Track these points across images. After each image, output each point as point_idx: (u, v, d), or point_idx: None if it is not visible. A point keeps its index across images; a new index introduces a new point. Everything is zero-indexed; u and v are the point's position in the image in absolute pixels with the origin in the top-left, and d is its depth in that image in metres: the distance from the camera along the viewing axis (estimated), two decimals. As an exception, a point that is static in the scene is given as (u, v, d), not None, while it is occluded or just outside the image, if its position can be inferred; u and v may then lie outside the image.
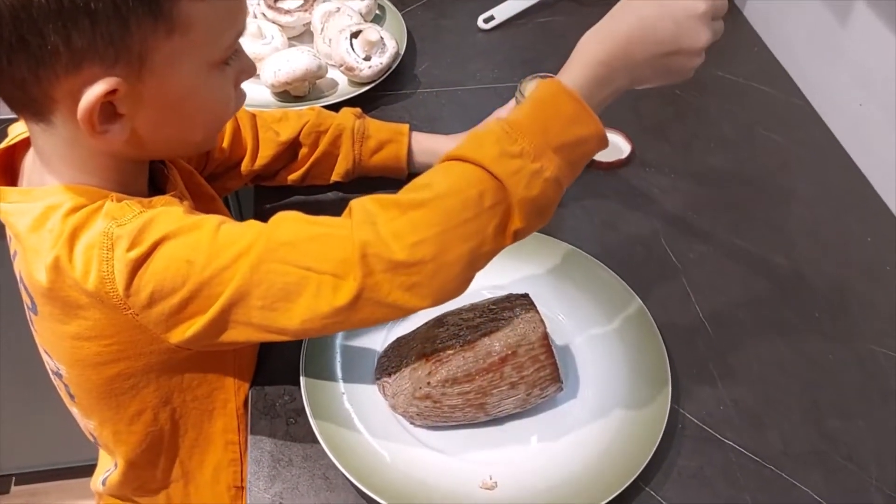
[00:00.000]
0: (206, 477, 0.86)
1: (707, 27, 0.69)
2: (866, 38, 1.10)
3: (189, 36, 0.62)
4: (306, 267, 0.63)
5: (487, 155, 0.65)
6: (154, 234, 0.63)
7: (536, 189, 0.65)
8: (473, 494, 0.76)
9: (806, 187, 1.10)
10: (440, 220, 0.63)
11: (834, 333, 0.93)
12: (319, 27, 1.24)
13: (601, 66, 0.69)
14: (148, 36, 0.60)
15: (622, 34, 0.69)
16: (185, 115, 0.68)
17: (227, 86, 0.70)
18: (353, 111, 1.03)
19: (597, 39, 0.71)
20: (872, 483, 0.80)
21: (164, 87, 0.64)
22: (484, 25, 1.36)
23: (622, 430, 0.80)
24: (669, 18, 0.68)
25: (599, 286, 0.93)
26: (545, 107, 0.67)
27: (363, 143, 1.01)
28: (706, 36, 0.69)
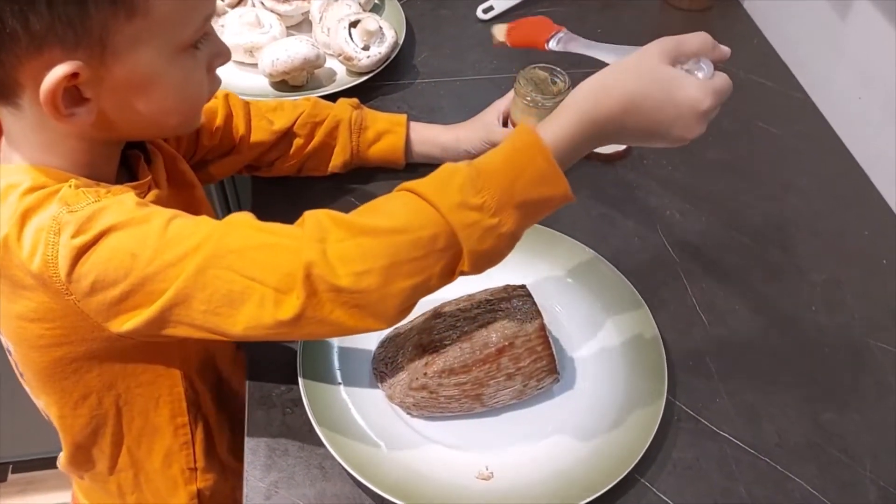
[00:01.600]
0: (155, 464, 0.86)
1: (704, 123, 0.68)
2: (866, 31, 1.10)
3: (150, 19, 0.62)
4: (251, 277, 0.63)
5: (447, 202, 0.64)
6: (101, 224, 0.63)
7: (488, 243, 0.65)
8: (469, 485, 0.76)
9: (804, 180, 1.10)
10: (389, 253, 0.63)
11: (830, 327, 0.93)
12: (318, 16, 1.23)
13: (592, 125, 0.67)
14: (108, 19, 0.60)
15: (622, 100, 0.67)
16: (154, 99, 0.67)
17: (197, 70, 0.70)
18: (350, 102, 1.03)
19: (595, 97, 0.68)
20: (867, 476, 0.80)
21: (129, 71, 0.64)
22: (483, 15, 1.35)
23: (618, 422, 0.80)
24: (672, 106, 0.67)
25: (596, 278, 0.93)
26: (517, 160, 0.66)
27: (361, 134, 1.01)
28: (700, 130, 0.68)
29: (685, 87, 0.66)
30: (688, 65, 0.69)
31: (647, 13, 1.39)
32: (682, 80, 0.67)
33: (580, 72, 1.25)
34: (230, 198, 1.45)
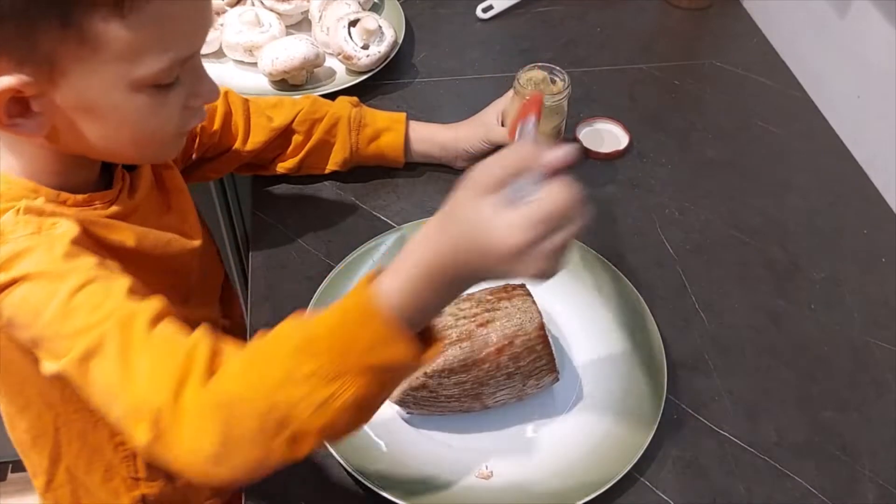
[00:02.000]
0: (95, 479, 0.84)
1: (541, 258, 0.53)
2: (865, 29, 1.10)
3: (103, 51, 0.58)
4: (118, 387, 0.59)
5: (271, 376, 0.56)
6: (19, 269, 0.61)
7: (325, 418, 0.55)
8: (469, 484, 0.76)
9: (803, 178, 1.10)
10: (229, 421, 0.56)
11: (829, 325, 0.93)
12: (317, 15, 1.23)
13: (438, 274, 0.55)
14: (56, 43, 0.57)
15: (451, 248, 0.55)
16: (107, 128, 0.64)
17: (164, 108, 0.65)
18: (349, 100, 1.03)
19: (428, 245, 0.56)
20: (866, 474, 0.80)
21: (77, 96, 0.61)
22: (482, 15, 1.35)
23: (617, 420, 0.81)
24: (491, 251, 0.54)
25: (596, 276, 0.93)
26: (350, 322, 0.56)
27: (360, 132, 1.01)
28: (543, 265, 0.54)
29: (491, 229, 0.53)
30: (511, 189, 0.55)
31: (648, 12, 1.39)
32: (488, 222, 0.53)
33: (579, 71, 1.26)
34: (230, 199, 1.45)
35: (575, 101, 1.08)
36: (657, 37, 1.35)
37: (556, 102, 0.98)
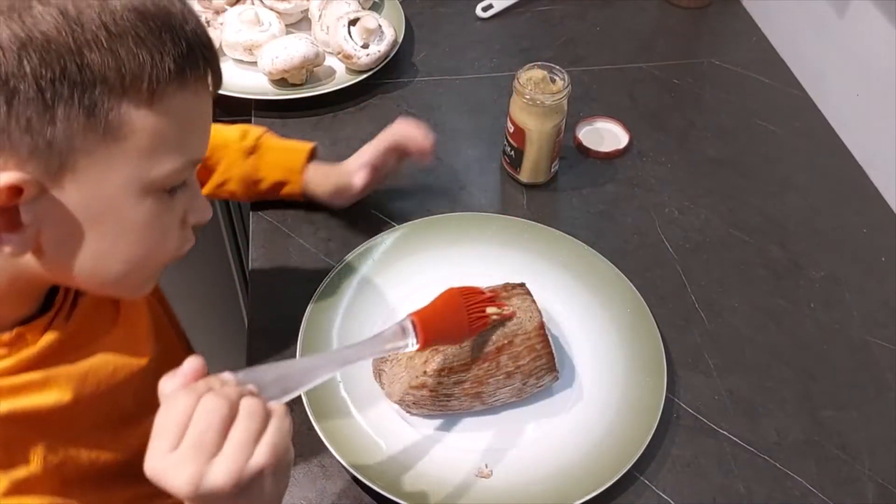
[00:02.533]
0: None
1: (175, 472, 0.50)
2: (865, 28, 1.10)
3: (126, 144, 0.54)
4: None
5: None
6: None
7: None
8: (469, 483, 0.76)
9: (802, 177, 1.10)
10: None
11: (828, 323, 0.93)
12: (317, 14, 1.23)
13: None
14: (75, 133, 0.51)
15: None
16: (104, 239, 0.57)
17: (167, 218, 0.60)
18: (242, 147, 0.96)
19: None
20: (865, 473, 0.80)
21: (86, 199, 0.55)
22: (482, 14, 1.35)
23: (617, 420, 0.81)
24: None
25: (596, 275, 0.93)
26: None
27: (256, 186, 0.97)
28: (183, 475, 0.50)
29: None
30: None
31: (647, 11, 1.39)
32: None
33: (579, 70, 1.26)
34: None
35: (574, 100, 1.08)
36: (657, 36, 1.35)
37: (556, 102, 0.98)
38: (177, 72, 0.54)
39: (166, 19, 0.54)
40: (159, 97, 0.54)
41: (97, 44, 0.50)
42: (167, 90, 0.54)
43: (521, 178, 1.06)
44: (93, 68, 0.50)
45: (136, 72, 0.52)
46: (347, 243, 0.96)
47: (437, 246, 0.96)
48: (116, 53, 0.51)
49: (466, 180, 1.07)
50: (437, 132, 1.13)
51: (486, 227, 0.98)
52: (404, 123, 0.94)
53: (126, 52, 0.51)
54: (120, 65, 0.51)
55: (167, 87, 0.54)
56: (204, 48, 0.57)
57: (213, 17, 1.23)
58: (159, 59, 0.53)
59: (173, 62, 0.53)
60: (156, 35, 0.53)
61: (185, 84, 0.55)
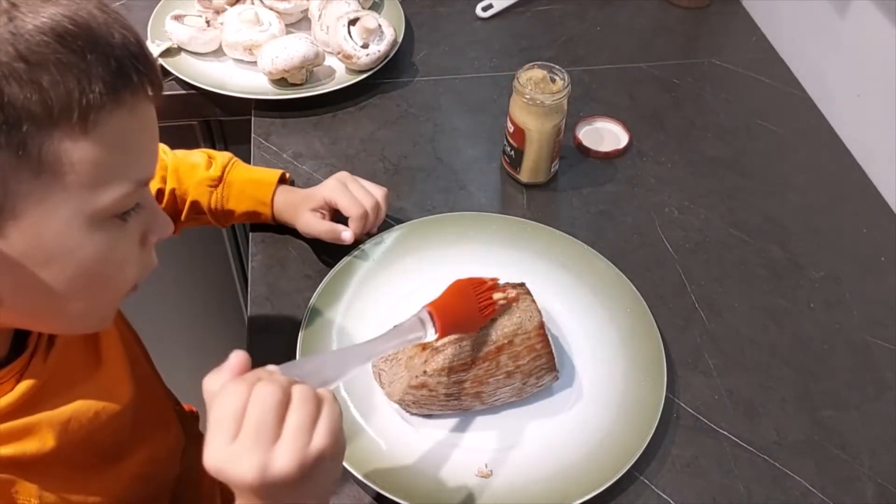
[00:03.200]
0: None
1: (243, 460, 0.51)
2: (865, 28, 1.10)
3: (63, 180, 0.50)
4: None
5: None
6: None
7: None
8: (469, 482, 0.76)
9: (802, 177, 1.10)
10: None
11: (828, 323, 0.93)
12: (317, 14, 1.23)
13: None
14: (8, 176, 0.47)
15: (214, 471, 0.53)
16: (58, 279, 0.54)
17: (123, 244, 0.57)
18: (207, 179, 0.93)
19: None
20: (865, 472, 0.80)
21: (31, 241, 0.51)
22: (482, 13, 1.35)
23: (617, 420, 0.81)
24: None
25: (595, 275, 0.93)
26: None
27: (226, 218, 0.96)
28: (255, 461, 0.51)
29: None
30: None
31: (647, 10, 1.39)
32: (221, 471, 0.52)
33: (579, 69, 1.26)
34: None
35: (574, 99, 1.08)
36: (657, 35, 1.35)
37: (556, 101, 0.98)
38: (109, 94, 0.50)
39: (89, 37, 0.49)
40: (93, 124, 0.49)
41: (15, 77, 0.46)
42: (101, 115, 0.50)
43: (520, 177, 1.06)
44: (15, 105, 0.46)
45: (64, 102, 0.48)
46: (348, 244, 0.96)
47: (436, 246, 0.96)
48: (39, 85, 0.47)
49: (466, 180, 1.07)
50: (437, 132, 1.14)
51: (486, 227, 0.98)
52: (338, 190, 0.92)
53: (49, 82, 0.47)
54: (45, 97, 0.47)
55: (101, 113, 0.50)
56: (136, 59, 0.52)
57: (213, 17, 1.23)
58: (87, 83, 0.48)
59: (103, 84, 0.49)
60: (80, 57, 0.48)
61: (120, 104, 0.51)
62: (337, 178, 0.93)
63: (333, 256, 0.95)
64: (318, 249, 0.97)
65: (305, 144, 1.11)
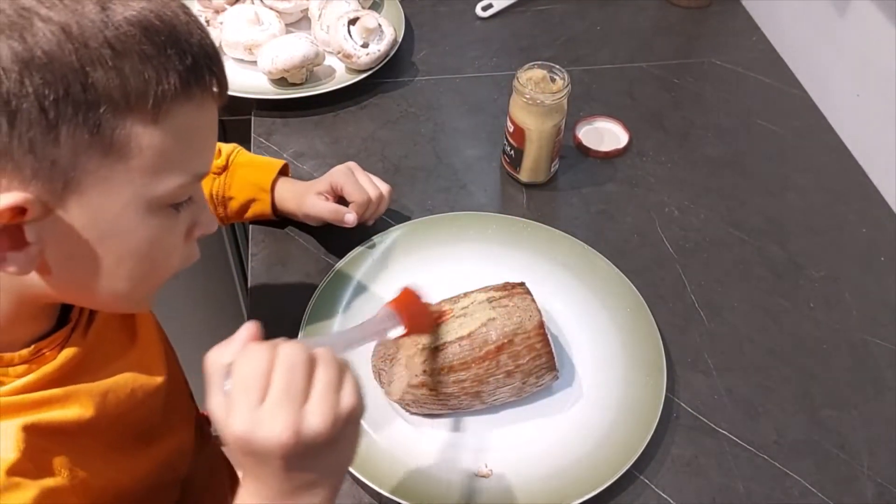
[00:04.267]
0: None
1: (270, 420, 0.51)
2: (865, 28, 1.10)
3: (129, 163, 0.53)
4: None
5: None
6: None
7: None
8: (469, 482, 0.76)
9: (802, 177, 1.10)
10: None
11: (828, 323, 0.93)
12: (317, 14, 1.23)
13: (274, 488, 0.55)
14: (79, 152, 0.50)
15: (238, 447, 0.54)
16: (109, 257, 0.56)
17: (172, 233, 0.59)
18: (215, 164, 0.95)
19: (244, 491, 0.56)
20: (864, 472, 0.80)
21: (90, 217, 0.53)
22: (482, 13, 1.35)
23: (617, 419, 0.81)
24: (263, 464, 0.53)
25: (595, 275, 0.93)
26: None
27: (226, 206, 0.96)
28: (280, 423, 0.51)
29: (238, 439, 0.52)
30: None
31: (647, 10, 1.39)
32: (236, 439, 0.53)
33: (579, 69, 1.26)
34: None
35: (574, 99, 1.08)
36: (657, 35, 1.35)
37: (556, 101, 0.98)
38: (182, 87, 0.53)
39: (171, 33, 0.52)
40: (164, 114, 0.52)
41: (101, 62, 0.49)
42: (172, 106, 0.53)
43: (520, 177, 1.06)
44: (97, 87, 0.49)
45: (141, 89, 0.51)
46: (347, 242, 0.96)
47: (436, 245, 0.96)
48: (121, 71, 0.50)
49: (466, 180, 1.08)
50: (438, 131, 1.14)
51: (486, 227, 0.98)
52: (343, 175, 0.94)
53: (131, 69, 0.50)
54: (125, 83, 0.50)
55: (172, 104, 0.53)
56: (209, 60, 0.55)
57: (212, 16, 1.23)
58: (164, 75, 0.52)
59: (178, 78, 0.52)
60: (161, 51, 0.52)
61: (190, 98, 0.54)
62: (346, 166, 0.95)
63: (334, 256, 0.95)
64: (318, 249, 0.97)
65: (306, 144, 1.11)
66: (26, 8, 0.48)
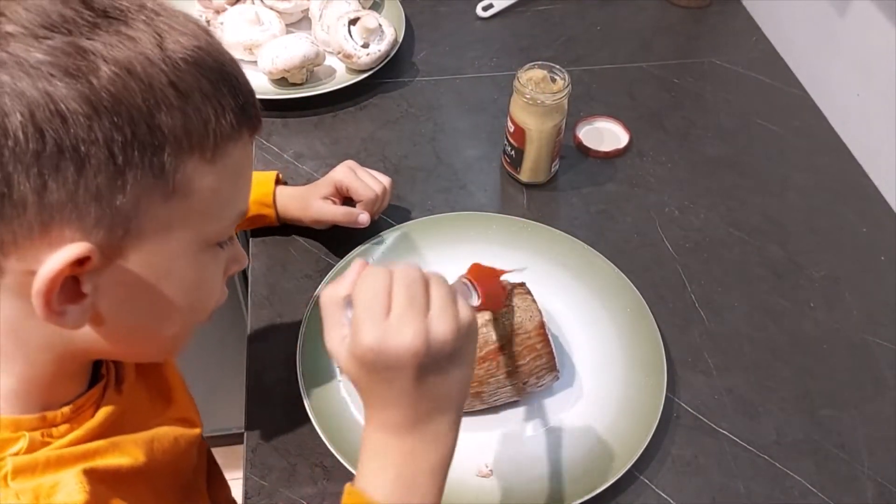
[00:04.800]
0: None
1: (400, 329, 0.53)
2: (865, 28, 1.10)
3: (188, 204, 0.52)
4: None
5: None
6: None
7: None
8: (470, 482, 0.76)
9: (802, 177, 1.10)
10: None
11: (828, 323, 0.93)
12: (317, 14, 1.23)
13: (395, 453, 0.57)
14: (142, 197, 0.49)
15: (367, 394, 0.57)
16: (162, 300, 0.55)
17: (216, 272, 0.59)
18: None
19: (373, 427, 0.58)
20: (864, 472, 0.80)
21: (146, 262, 0.52)
22: (482, 13, 1.35)
23: (617, 419, 0.81)
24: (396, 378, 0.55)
25: (596, 275, 0.93)
26: None
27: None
28: (408, 334, 0.53)
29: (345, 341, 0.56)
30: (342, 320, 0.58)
31: (647, 10, 1.39)
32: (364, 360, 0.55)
33: (579, 69, 1.25)
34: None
35: (575, 99, 1.08)
36: (657, 35, 1.35)
37: (556, 101, 0.98)
38: (235, 126, 0.53)
39: (222, 71, 0.52)
40: (220, 153, 0.52)
41: (166, 103, 0.48)
42: (227, 146, 0.53)
43: (521, 177, 1.06)
44: (163, 129, 0.48)
45: (202, 130, 0.50)
46: (348, 243, 0.96)
47: (437, 245, 0.96)
48: (185, 112, 0.49)
49: (466, 180, 1.08)
50: (438, 131, 1.14)
51: (487, 227, 0.98)
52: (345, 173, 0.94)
53: (193, 110, 0.50)
54: (187, 123, 0.49)
55: (227, 143, 0.53)
56: (252, 98, 0.56)
57: (213, 16, 1.23)
58: (222, 114, 0.51)
59: (234, 117, 0.52)
60: (217, 89, 0.51)
61: (240, 136, 0.54)
62: (346, 165, 0.95)
63: (334, 257, 0.95)
64: (318, 250, 0.97)
65: (306, 144, 1.11)
66: (84, 49, 0.46)
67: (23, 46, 0.45)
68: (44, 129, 0.45)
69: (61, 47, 0.46)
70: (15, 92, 0.44)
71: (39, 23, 0.46)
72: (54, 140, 0.45)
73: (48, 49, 0.45)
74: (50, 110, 0.45)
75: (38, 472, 0.53)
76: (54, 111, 0.45)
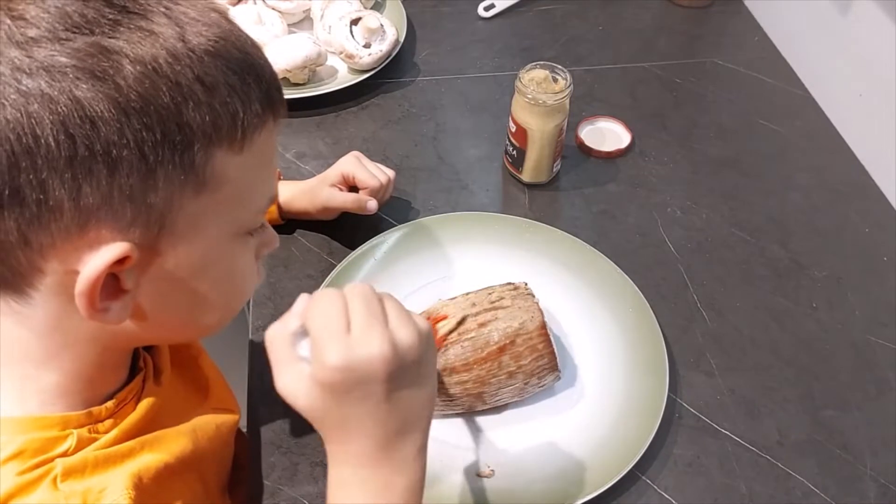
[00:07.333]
0: None
1: (364, 343, 0.54)
2: (867, 27, 1.10)
3: (218, 196, 0.52)
4: None
5: None
6: None
7: None
8: (471, 483, 0.76)
9: (804, 177, 1.10)
10: None
11: (830, 323, 0.93)
12: (319, 14, 1.23)
13: (367, 485, 0.57)
14: (174, 193, 0.50)
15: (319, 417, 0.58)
16: (200, 292, 0.57)
17: (249, 257, 0.60)
18: None
19: (340, 462, 0.58)
20: (867, 472, 0.80)
21: (182, 256, 0.53)
22: (484, 13, 1.35)
23: (619, 420, 0.81)
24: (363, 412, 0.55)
25: (597, 275, 0.93)
26: None
27: None
28: (375, 345, 0.53)
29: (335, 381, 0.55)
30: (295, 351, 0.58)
31: (649, 10, 1.39)
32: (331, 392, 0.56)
33: (581, 69, 1.25)
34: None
35: (576, 99, 1.08)
36: (659, 35, 1.35)
37: (558, 101, 0.98)
38: (261, 114, 0.53)
39: (246, 61, 0.52)
40: (248, 143, 0.53)
41: (194, 99, 0.48)
42: (254, 135, 0.53)
43: (522, 177, 1.06)
44: (192, 126, 0.49)
45: (230, 122, 0.51)
46: (349, 242, 0.96)
47: (438, 245, 0.96)
48: (212, 106, 0.49)
49: (468, 180, 1.07)
50: (439, 131, 1.14)
51: (488, 227, 0.98)
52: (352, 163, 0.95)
53: (220, 103, 0.50)
54: (215, 118, 0.50)
55: (254, 132, 0.53)
56: (277, 84, 0.56)
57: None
58: (248, 104, 0.52)
59: (259, 106, 0.53)
60: (242, 80, 0.51)
61: (264, 125, 0.54)
62: (352, 155, 0.96)
63: (335, 257, 0.95)
64: (320, 249, 0.97)
65: (308, 144, 1.11)
66: (107, 49, 0.46)
67: (46, 51, 0.45)
68: (74, 134, 0.45)
69: (85, 49, 0.46)
70: (44, 99, 0.45)
71: (61, 25, 0.46)
72: (85, 145, 0.46)
73: (72, 52, 0.45)
74: (79, 116, 0.45)
75: (87, 472, 0.53)
76: (84, 116, 0.45)
